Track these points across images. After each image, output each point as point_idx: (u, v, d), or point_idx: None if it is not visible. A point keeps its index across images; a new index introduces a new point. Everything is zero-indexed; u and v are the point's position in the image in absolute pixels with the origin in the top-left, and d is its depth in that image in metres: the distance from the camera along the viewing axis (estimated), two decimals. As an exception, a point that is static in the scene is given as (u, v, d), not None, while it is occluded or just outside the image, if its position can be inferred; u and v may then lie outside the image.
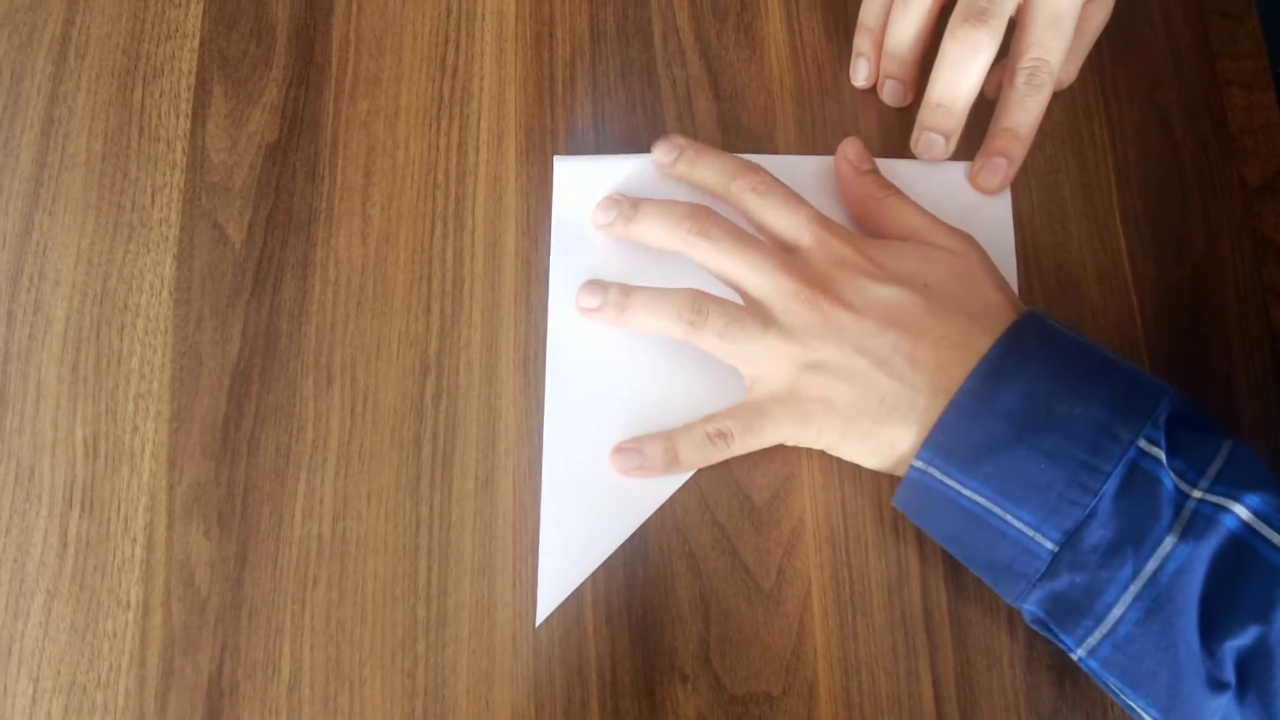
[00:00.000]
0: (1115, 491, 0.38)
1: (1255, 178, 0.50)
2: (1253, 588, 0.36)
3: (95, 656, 0.43)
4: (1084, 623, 0.39)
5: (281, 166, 0.49)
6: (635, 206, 0.46)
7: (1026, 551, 0.39)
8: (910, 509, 0.43)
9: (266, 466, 0.45)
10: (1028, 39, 0.46)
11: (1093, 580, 0.38)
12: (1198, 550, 0.37)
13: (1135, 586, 0.37)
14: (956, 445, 0.40)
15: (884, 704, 0.42)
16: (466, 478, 0.45)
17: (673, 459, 0.44)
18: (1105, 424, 0.39)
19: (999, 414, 0.39)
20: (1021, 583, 0.39)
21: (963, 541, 0.41)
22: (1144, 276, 0.48)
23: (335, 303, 0.47)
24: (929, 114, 0.47)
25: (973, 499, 0.39)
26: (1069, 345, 0.41)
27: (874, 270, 0.43)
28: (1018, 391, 0.40)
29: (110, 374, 0.46)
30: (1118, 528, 0.38)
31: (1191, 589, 0.37)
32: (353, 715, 0.42)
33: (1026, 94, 0.46)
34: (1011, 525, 0.39)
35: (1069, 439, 0.38)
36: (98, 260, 0.48)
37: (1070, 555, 0.38)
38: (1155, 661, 0.38)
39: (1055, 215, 0.49)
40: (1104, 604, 0.38)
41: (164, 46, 0.51)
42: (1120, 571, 0.38)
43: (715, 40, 0.51)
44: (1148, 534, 0.37)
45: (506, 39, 0.51)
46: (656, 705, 0.42)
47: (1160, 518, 0.37)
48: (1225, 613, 0.37)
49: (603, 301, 0.46)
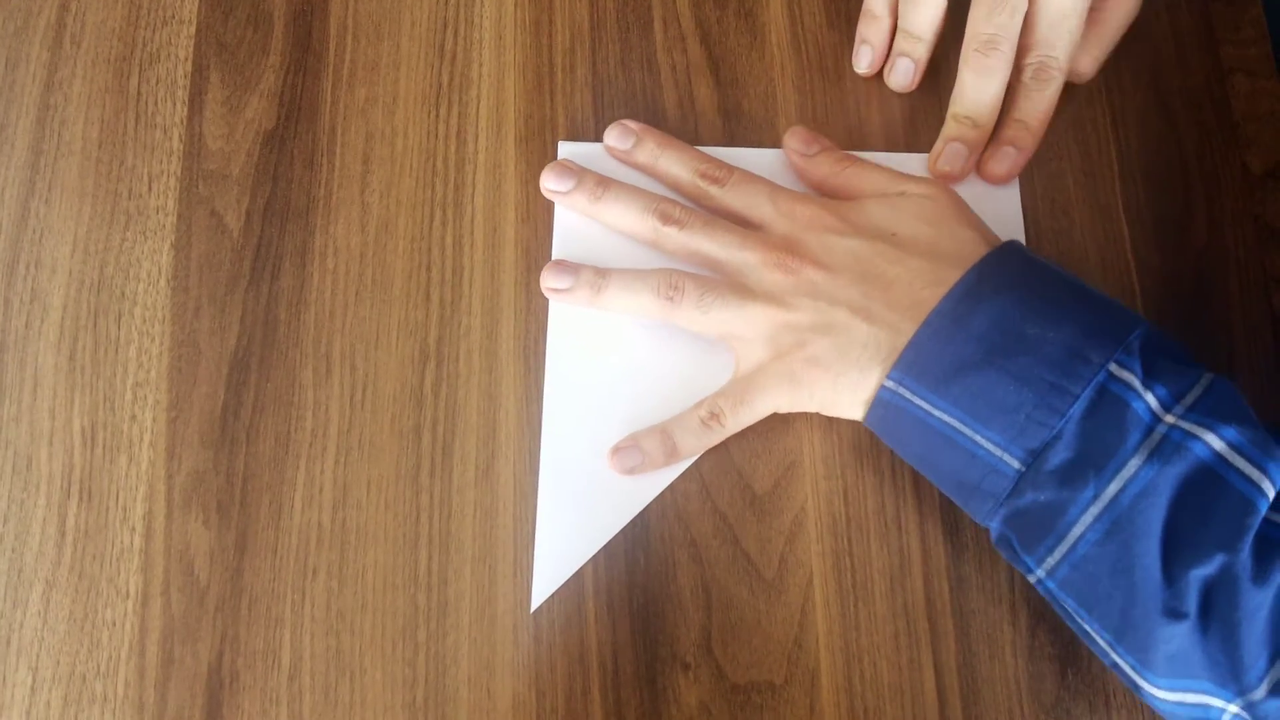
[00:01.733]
0: (1083, 413, 0.38)
1: (1258, 165, 0.50)
2: (1221, 517, 0.36)
3: (94, 646, 0.42)
4: (1045, 541, 0.38)
5: (279, 154, 0.49)
6: (603, 186, 0.47)
7: (994, 471, 0.39)
8: (881, 429, 0.43)
9: (265, 455, 0.45)
10: (1033, 37, 0.47)
11: (1055, 499, 0.38)
12: (1163, 475, 0.37)
13: (1096, 507, 0.37)
14: (927, 365, 0.40)
15: (886, 693, 0.42)
16: (466, 466, 0.45)
17: (672, 450, 0.44)
18: (1076, 347, 0.39)
19: (970, 335, 0.39)
20: (989, 501, 0.40)
21: (932, 461, 0.41)
22: (1146, 264, 0.48)
23: (334, 291, 0.47)
24: (953, 126, 0.48)
25: (942, 419, 0.40)
26: (1046, 272, 0.41)
27: (840, 226, 0.44)
28: (990, 314, 0.40)
29: (108, 363, 0.46)
30: (1082, 448, 0.38)
31: (1154, 513, 0.37)
32: (353, 704, 0.42)
33: (1035, 88, 0.47)
34: (980, 445, 0.39)
35: (1039, 361, 0.39)
36: (95, 248, 0.47)
37: (1035, 475, 0.38)
38: (1111, 584, 0.37)
39: (1058, 203, 0.49)
40: (1065, 523, 0.38)
41: (160, 33, 0.50)
42: (1082, 491, 0.37)
43: (715, 26, 0.51)
44: (1112, 456, 0.37)
45: (506, 25, 0.51)
46: (658, 694, 0.42)
47: (1126, 440, 0.37)
48: (1191, 540, 0.36)
49: (575, 282, 0.46)
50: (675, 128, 0.49)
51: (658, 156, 0.47)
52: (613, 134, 0.48)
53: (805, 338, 0.43)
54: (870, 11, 0.50)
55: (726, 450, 0.45)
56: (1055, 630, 0.43)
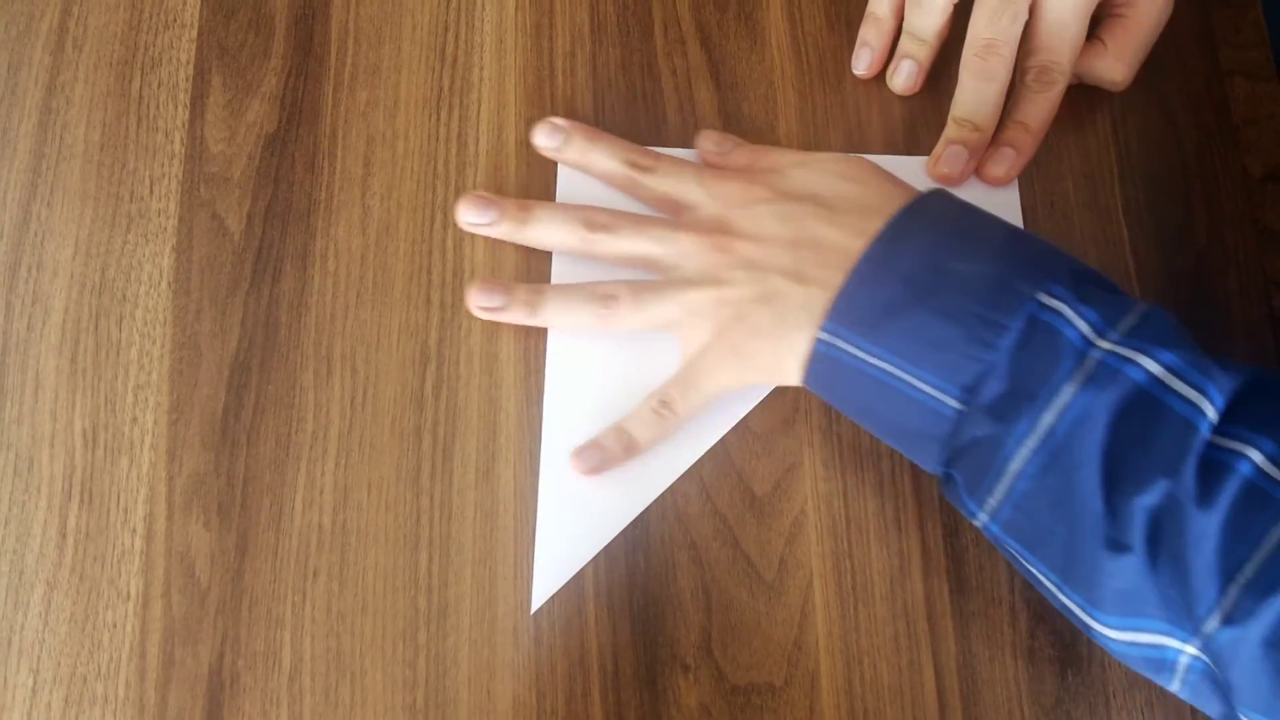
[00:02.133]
0: (1014, 344, 0.37)
1: (1258, 168, 0.50)
2: (1161, 442, 0.36)
3: (95, 648, 0.43)
4: (985, 481, 0.38)
5: (280, 157, 0.49)
6: (525, 209, 0.46)
7: (933, 413, 0.38)
8: (821, 387, 0.42)
9: (266, 457, 0.45)
10: (1035, 41, 0.47)
11: (992, 435, 0.37)
12: (1098, 401, 0.36)
13: (1032, 440, 0.37)
14: (858, 312, 0.40)
15: (886, 694, 0.42)
16: (467, 468, 0.45)
17: (630, 444, 0.44)
18: (1003, 279, 0.38)
19: (897, 277, 0.39)
20: (932, 445, 0.39)
21: (874, 413, 0.41)
22: (1146, 267, 0.48)
23: (335, 293, 0.47)
24: (954, 129, 0.48)
25: (878, 365, 0.39)
26: (974, 213, 0.41)
27: (767, 194, 0.44)
28: (915, 253, 0.40)
29: (109, 365, 0.46)
30: (1016, 380, 0.37)
31: (1091, 442, 0.36)
32: (354, 706, 0.42)
33: (1036, 91, 0.47)
34: (916, 388, 0.39)
35: (966, 295, 0.38)
36: (96, 251, 0.47)
37: (972, 412, 0.38)
38: (1052, 519, 0.37)
39: (1058, 205, 0.49)
40: (1003, 459, 0.37)
41: (162, 36, 0.51)
42: (1017, 424, 0.37)
43: (716, 30, 0.51)
44: (1045, 385, 0.37)
45: (506, 29, 0.51)
46: (658, 695, 0.42)
47: (1059, 368, 0.37)
48: (1131, 468, 0.36)
49: (508, 301, 0.45)
50: (676, 131, 0.49)
51: (587, 151, 0.47)
52: (541, 133, 0.48)
53: (744, 310, 0.42)
54: (873, 14, 0.50)
55: (726, 452, 0.45)
56: (1055, 632, 0.43)
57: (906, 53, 0.49)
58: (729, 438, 0.45)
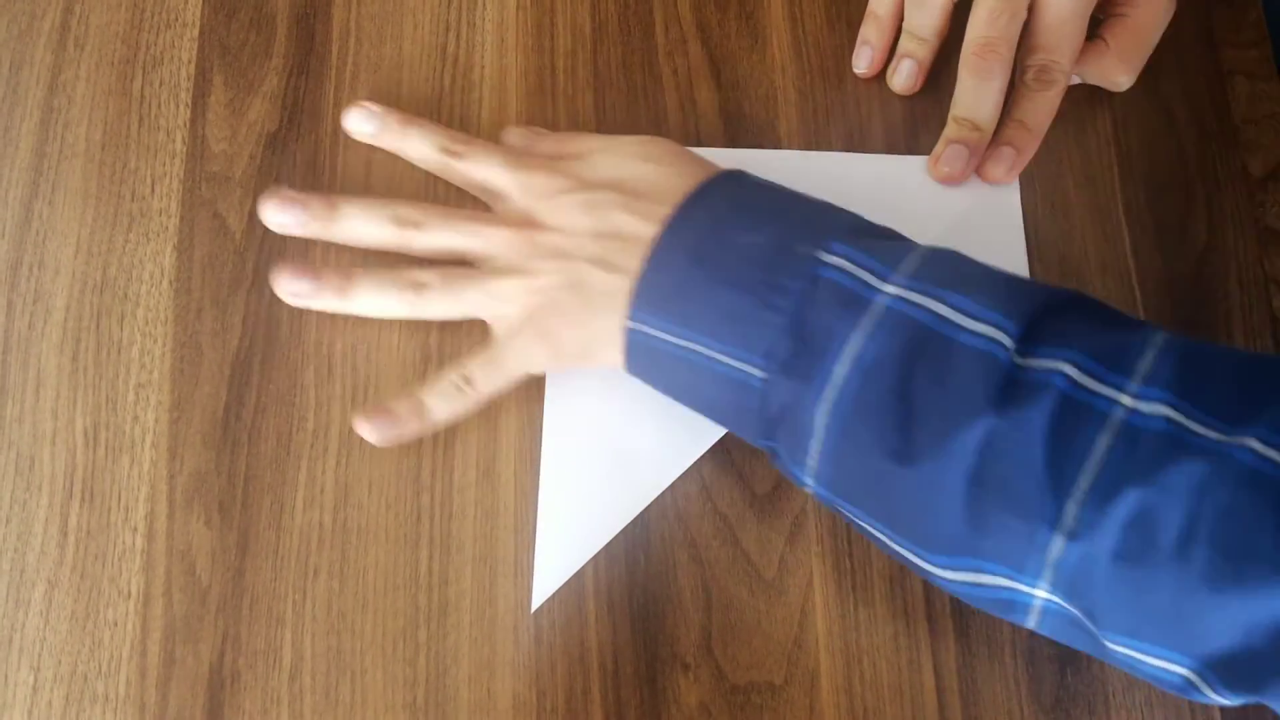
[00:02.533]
0: (798, 304, 0.38)
1: (1258, 168, 0.50)
2: (961, 378, 0.36)
3: (96, 646, 0.43)
4: (801, 443, 0.38)
5: (282, 156, 0.49)
6: (331, 206, 0.46)
7: (742, 385, 0.39)
8: (641, 374, 0.43)
9: (267, 456, 0.45)
10: (1033, 40, 0.47)
11: (795, 396, 0.38)
12: (887, 346, 0.37)
13: (831, 392, 0.37)
14: (656, 295, 0.40)
15: (886, 694, 0.42)
16: (467, 467, 0.45)
17: (423, 415, 0.44)
18: (783, 244, 0.39)
19: (686, 256, 0.40)
20: (750, 419, 0.40)
21: (694, 393, 0.42)
22: (1147, 267, 0.48)
23: (336, 292, 0.47)
24: (954, 128, 0.48)
25: (685, 346, 0.40)
26: (760, 188, 0.42)
27: (571, 184, 0.44)
28: (700, 231, 0.40)
29: (110, 363, 0.46)
30: (805, 339, 0.38)
31: (885, 386, 0.36)
32: (354, 704, 0.42)
33: (1036, 89, 0.47)
34: (722, 363, 0.39)
35: (750, 264, 0.39)
36: (98, 250, 0.47)
37: (774, 378, 0.38)
38: (864, 468, 0.37)
39: (1058, 205, 0.49)
40: (808, 418, 0.37)
41: (164, 35, 0.51)
42: (813, 381, 0.37)
43: (717, 29, 0.51)
44: (832, 338, 0.37)
45: (508, 28, 0.51)
46: (658, 694, 0.42)
47: (844, 320, 0.37)
48: (934, 407, 0.36)
49: (316, 286, 0.45)
50: (677, 130, 0.50)
51: (402, 136, 0.47)
52: (354, 117, 0.47)
53: (553, 296, 0.43)
54: (874, 13, 0.50)
55: (727, 451, 0.45)
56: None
57: (906, 52, 0.49)
58: (729, 437, 0.45)
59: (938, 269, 0.38)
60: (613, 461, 0.45)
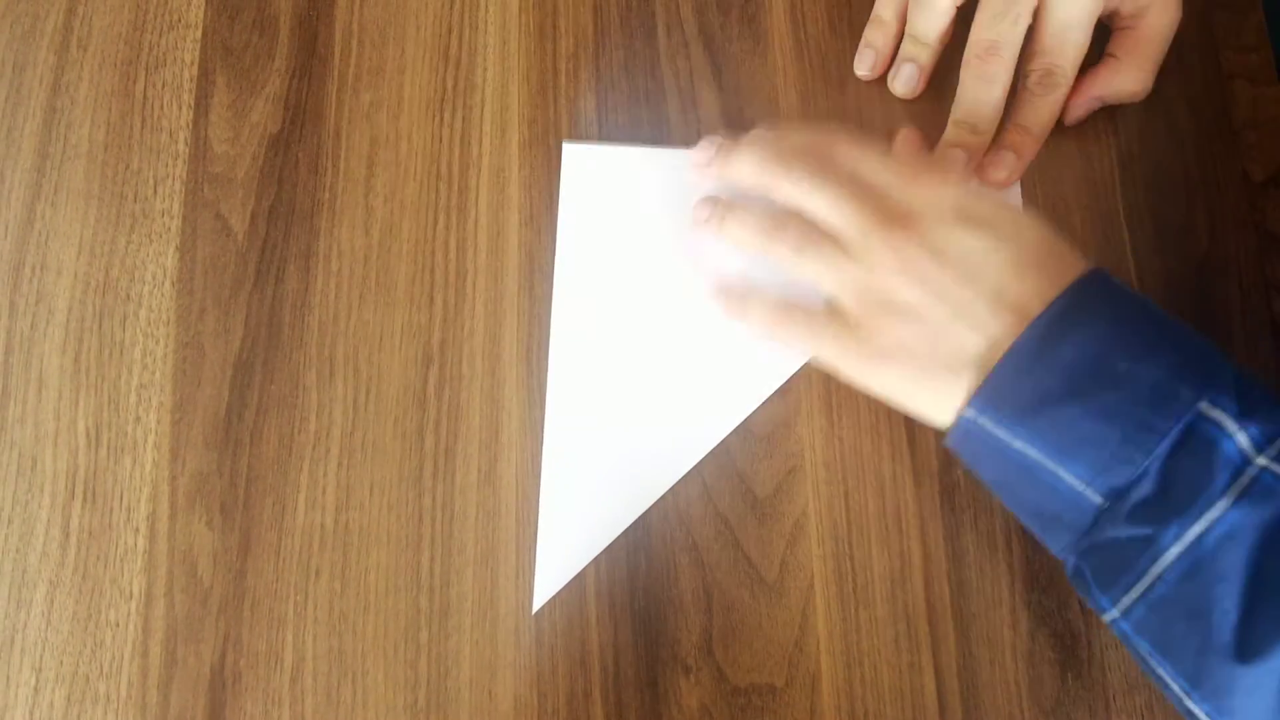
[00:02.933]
0: (1169, 451, 0.37)
1: (1259, 172, 0.50)
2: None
3: (98, 646, 0.43)
4: (1122, 580, 0.37)
5: (284, 157, 0.49)
6: (729, 209, 0.46)
7: (1074, 506, 0.38)
8: (961, 453, 0.42)
9: (269, 457, 0.45)
10: (1037, 44, 0.47)
11: (1136, 538, 0.37)
12: (1251, 518, 0.35)
13: (1178, 548, 0.36)
14: (1009, 397, 0.39)
15: (886, 696, 0.43)
16: (469, 469, 0.45)
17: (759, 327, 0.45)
18: (1166, 383, 0.37)
19: (1056, 367, 0.38)
20: (1067, 534, 0.39)
21: (1011, 490, 0.41)
22: (1147, 271, 0.48)
23: (338, 294, 0.47)
24: (953, 131, 0.48)
25: (1023, 451, 0.39)
26: (1133, 303, 0.40)
27: (955, 209, 0.42)
28: (1077, 346, 0.38)
29: (113, 364, 0.46)
30: (1167, 487, 0.37)
31: (1238, 557, 0.35)
32: (355, 705, 0.42)
33: (1038, 94, 0.47)
34: (1061, 479, 0.38)
35: (1127, 396, 0.37)
36: (100, 251, 0.47)
37: (1116, 512, 0.37)
38: (1187, 627, 0.36)
39: (1058, 209, 0.49)
40: (1144, 563, 0.37)
41: (166, 37, 0.51)
42: (1165, 531, 0.36)
43: (719, 32, 0.51)
44: (1198, 496, 0.36)
45: (510, 30, 0.51)
46: (659, 696, 0.42)
47: (1214, 481, 0.36)
48: (1276, 589, 0.35)
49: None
50: (678, 133, 0.50)
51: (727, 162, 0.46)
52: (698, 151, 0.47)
53: (898, 323, 0.41)
54: (878, 16, 0.50)
55: (728, 454, 0.45)
56: (1056, 634, 0.43)
57: (908, 55, 0.49)
58: (731, 439, 0.45)
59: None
60: (614, 464, 0.45)
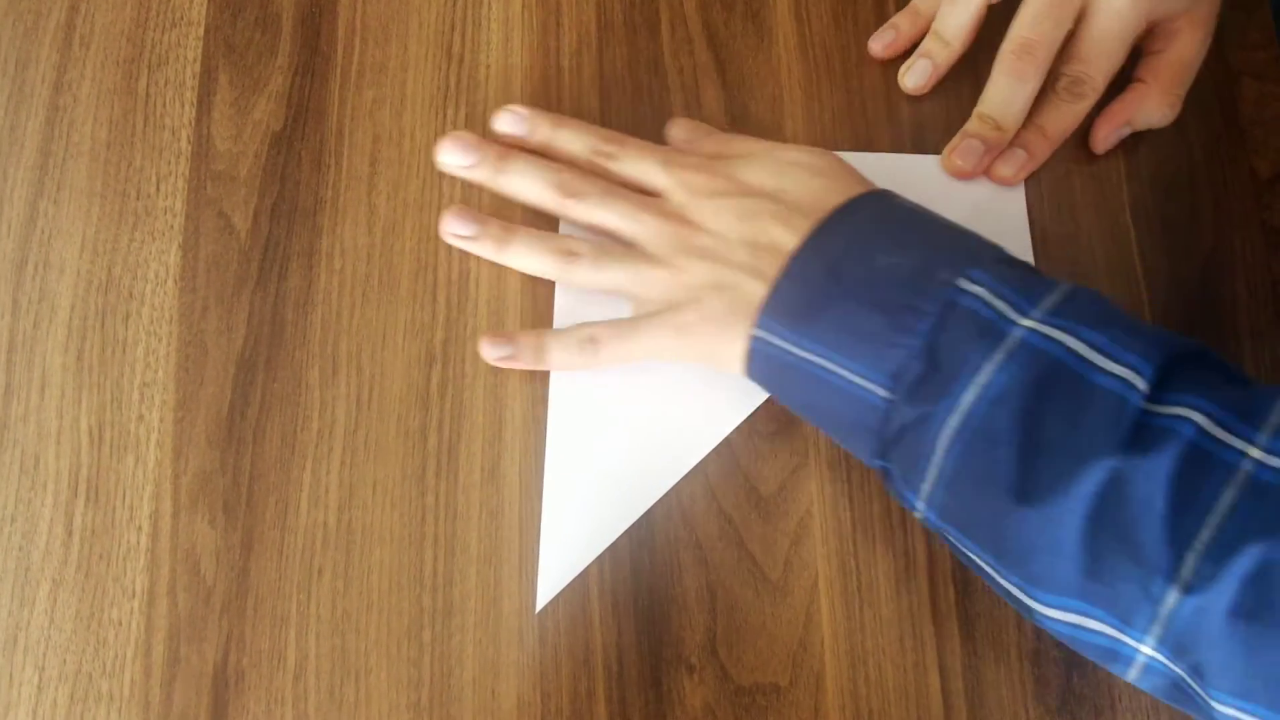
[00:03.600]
0: (934, 328, 0.38)
1: (1266, 169, 0.50)
2: (1091, 418, 0.35)
3: (101, 645, 0.43)
4: (919, 466, 0.38)
5: (287, 155, 0.49)
6: (504, 159, 0.47)
7: (864, 403, 0.39)
8: (761, 380, 0.43)
9: (272, 455, 0.45)
10: (1074, 51, 0.47)
11: (918, 419, 0.38)
12: (1018, 379, 0.36)
13: (955, 418, 0.37)
14: (787, 307, 0.40)
15: (891, 695, 0.42)
16: (472, 467, 0.45)
17: (541, 357, 0.45)
18: (924, 267, 0.39)
19: (824, 270, 0.40)
20: (869, 439, 0.40)
21: (812, 406, 0.42)
22: (1153, 268, 0.48)
23: (341, 292, 0.47)
24: (976, 123, 0.48)
25: (809, 359, 0.40)
26: (904, 209, 0.42)
27: (729, 187, 0.44)
28: (840, 247, 0.40)
29: (115, 362, 0.46)
30: (937, 362, 0.37)
31: (1009, 418, 0.36)
32: (358, 704, 0.42)
33: (1064, 100, 0.47)
34: (846, 379, 0.39)
35: (888, 285, 0.39)
36: (103, 248, 0.47)
37: (899, 399, 0.38)
38: (979, 497, 0.37)
39: (1065, 206, 0.49)
40: (929, 442, 0.37)
41: (169, 34, 0.51)
42: (939, 406, 0.37)
43: (723, 29, 0.51)
44: (965, 364, 0.37)
45: (513, 27, 0.51)
46: (663, 696, 0.42)
47: (979, 348, 0.37)
48: (1059, 446, 0.35)
49: (480, 231, 0.46)
50: (682, 130, 0.49)
51: (554, 136, 0.47)
52: (504, 120, 0.47)
53: (699, 294, 0.43)
54: (914, 7, 0.50)
55: (732, 452, 0.45)
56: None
57: (926, 52, 0.49)
58: (734, 437, 0.45)
59: (1077, 306, 0.38)
60: (617, 462, 0.45)
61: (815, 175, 0.44)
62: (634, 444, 0.45)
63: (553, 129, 0.47)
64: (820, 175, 0.44)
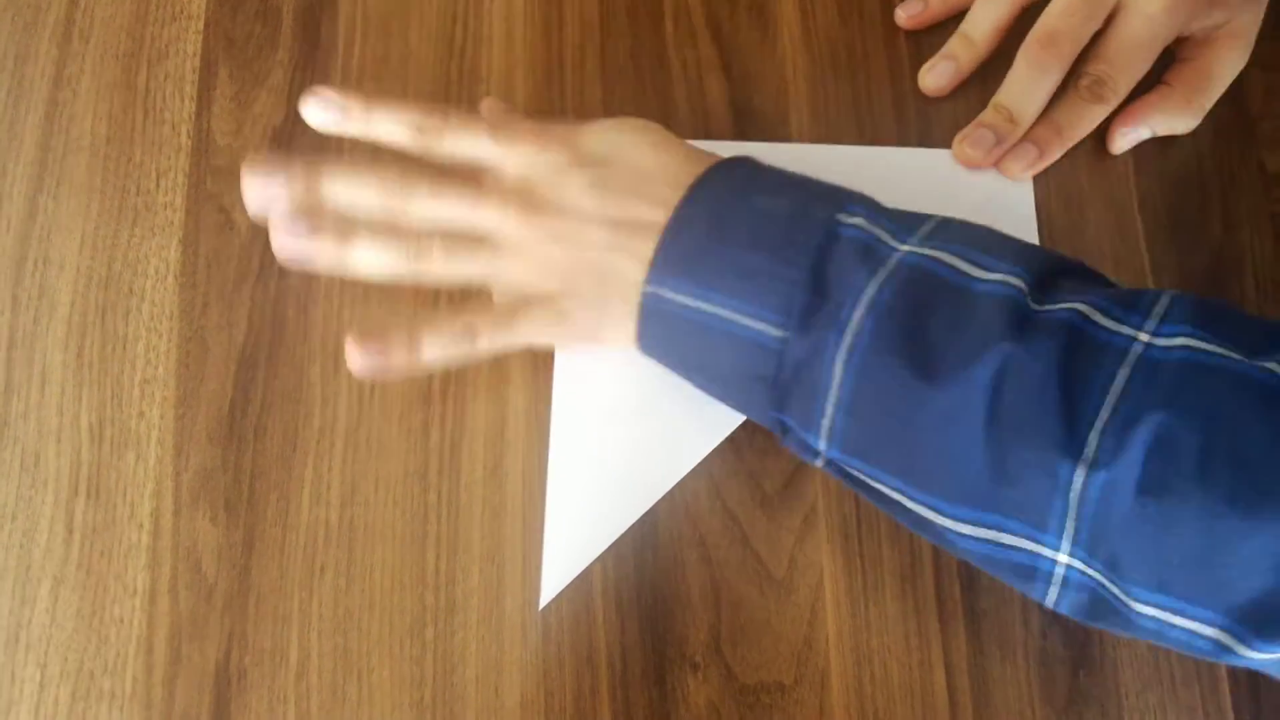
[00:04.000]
0: (816, 259, 0.38)
1: (1274, 163, 0.49)
2: (977, 319, 0.36)
3: (102, 643, 0.42)
4: (816, 402, 0.38)
5: (287, 150, 0.48)
6: (315, 171, 0.43)
7: (758, 349, 0.38)
8: (654, 347, 0.42)
9: (273, 452, 0.45)
10: (1100, 50, 0.46)
11: (810, 351, 0.37)
12: (902, 293, 0.37)
13: (847, 338, 0.37)
14: (675, 258, 0.40)
15: (896, 694, 0.42)
16: (475, 465, 0.44)
17: (415, 352, 0.42)
18: (803, 209, 0.40)
19: (706, 218, 0.40)
20: (761, 388, 0.39)
21: (707, 366, 0.41)
22: (1161, 262, 0.48)
23: (342, 288, 0.47)
24: (991, 114, 0.47)
25: (700, 308, 0.39)
26: (773, 168, 0.42)
27: (569, 158, 0.43)
28: (720, 195, 0.40)
29: (116, 359, 0.46)
30: (823, 290, 0.38)
31: (895, 327, 0.36)
32: (361, 703, 0.42)
33: (1083, 99, 0.47)
34: (739, 323, 0.39)
35: (769, 224, 0.39)
36: (102, 244, 0.47)
37: (790, 335, 0.38)
38: (879, 418, 0.37)
39: (1072, 200, 0.48)
40: (824, 372, 0.37)
41: (169, 28, 0.50)
42: (829, 332, 0.37)
43: (727, 22, 0.51)
44: (849, 289, 0.37)
45: (515, 20, 0.51)
46: (667, 694, 0.42)
47: (861, 269, 0.38)
48: (947, 347, 0.36)
49: (315, 236, 0.43)
50: (686, 123, 0.49)
51: (369, 121, 0.44)
52: (312, 109, 0.44)
53: (568, 279, 0.42)
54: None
55: (736, 449, 0.45)
56: (1067, 632, 0.43)
57: (950, 53, 0.49)
58: (738, 434, 0.45)
59: (952, 231, 0.39)
60: (621, 459, 0.44)
61: (656, 146, 0.43)
62: (637, 441, 0.45)
63: (365, 112, 0.44)
64: (662, 148, 0.43)
